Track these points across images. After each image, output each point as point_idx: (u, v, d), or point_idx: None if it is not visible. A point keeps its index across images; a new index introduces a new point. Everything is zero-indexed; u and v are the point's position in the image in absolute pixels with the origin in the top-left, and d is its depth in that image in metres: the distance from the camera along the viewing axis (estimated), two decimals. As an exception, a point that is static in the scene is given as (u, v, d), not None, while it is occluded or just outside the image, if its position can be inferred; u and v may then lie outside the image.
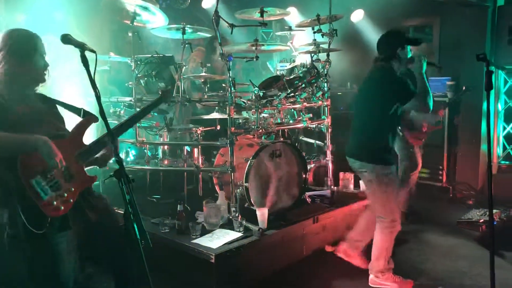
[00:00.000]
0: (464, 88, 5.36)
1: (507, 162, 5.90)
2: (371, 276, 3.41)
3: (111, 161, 2.59)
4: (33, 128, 2.29)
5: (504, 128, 5.90)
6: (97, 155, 2.52)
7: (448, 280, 3.46)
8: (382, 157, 3.27)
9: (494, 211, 4.74)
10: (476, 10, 5.55)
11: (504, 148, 5.93)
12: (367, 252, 3.56)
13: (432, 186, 5.82)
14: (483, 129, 5.69)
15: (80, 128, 2.47)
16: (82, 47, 2.09)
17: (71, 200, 2.31)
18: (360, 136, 3.41)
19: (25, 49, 2.40)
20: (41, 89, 2.54)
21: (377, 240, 3.37)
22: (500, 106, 5.86)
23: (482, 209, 4.87)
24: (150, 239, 1.99)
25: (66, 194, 2.29)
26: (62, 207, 2.27)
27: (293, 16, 6.34)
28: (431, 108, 3.34)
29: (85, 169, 2.44)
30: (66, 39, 2.17)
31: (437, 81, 5.77)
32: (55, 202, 2.25)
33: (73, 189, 2.32)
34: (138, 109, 3.86)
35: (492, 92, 5.68)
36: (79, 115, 2.56)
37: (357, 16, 6.56)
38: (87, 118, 2.51)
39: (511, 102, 5.81)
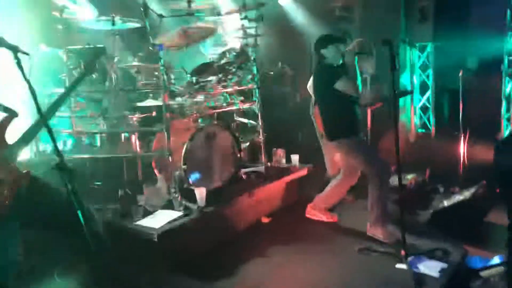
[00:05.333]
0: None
1: (423, 131, 6.51)
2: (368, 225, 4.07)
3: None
4: None
5: (420, 100, 6.48)
6: None
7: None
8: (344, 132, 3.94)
9: (412, 175, 5.27)
10: (391, -9, 6.01)
11: (421, 118, 6.53)
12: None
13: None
14: (400, 102, 6.22)
15: (2, 127, 2.45)
16: (15, 49, 2.20)
17: (7, 202, 2.36)
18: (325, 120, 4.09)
19: None
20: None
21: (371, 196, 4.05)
22: (415, 80, 6.42)
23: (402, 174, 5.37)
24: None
25: None
26: None
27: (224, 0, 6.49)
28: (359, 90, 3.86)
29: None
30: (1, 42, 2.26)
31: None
32: None
33: (5, 191, 2.35)
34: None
35: (408, 66, 6.27)
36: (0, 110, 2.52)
37: (285, -1, 6.83)
38: (9, 116, 2.48)
39: (425, 75, 6.38)
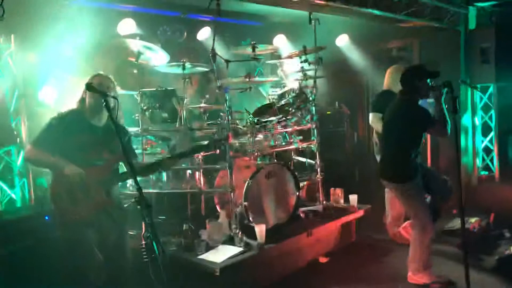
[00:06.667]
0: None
1: (486, 173, 6.30)
2: (409, 273, 3.90)
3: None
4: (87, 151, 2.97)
5: (482, 141, 6.32)
6: None
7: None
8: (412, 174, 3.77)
9: (475, 218, 5.10)
10: (449, 33, 6.02)
11: (483, 160, 6.34)
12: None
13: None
14: (462, 143, 6.10)
15: (115, 160, 3.08)
16: (104, 94, 2.48)
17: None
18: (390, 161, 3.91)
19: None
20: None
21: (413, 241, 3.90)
22: (477, 121, 6.28)
23: (465, 217, 5.21)
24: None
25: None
26: None
27: (282, 42, 6.78)
28: (449, 132, 3.69)
29: None
30: (90, 87, 2.56)
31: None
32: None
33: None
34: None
35: (469, 108, 6.17)
36: None
37: (342, 40, 6.99)
38: (121, 157, 2.98)
39: (487, 117, 6.24)
